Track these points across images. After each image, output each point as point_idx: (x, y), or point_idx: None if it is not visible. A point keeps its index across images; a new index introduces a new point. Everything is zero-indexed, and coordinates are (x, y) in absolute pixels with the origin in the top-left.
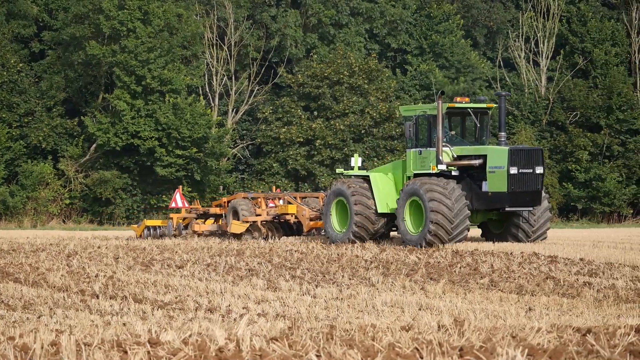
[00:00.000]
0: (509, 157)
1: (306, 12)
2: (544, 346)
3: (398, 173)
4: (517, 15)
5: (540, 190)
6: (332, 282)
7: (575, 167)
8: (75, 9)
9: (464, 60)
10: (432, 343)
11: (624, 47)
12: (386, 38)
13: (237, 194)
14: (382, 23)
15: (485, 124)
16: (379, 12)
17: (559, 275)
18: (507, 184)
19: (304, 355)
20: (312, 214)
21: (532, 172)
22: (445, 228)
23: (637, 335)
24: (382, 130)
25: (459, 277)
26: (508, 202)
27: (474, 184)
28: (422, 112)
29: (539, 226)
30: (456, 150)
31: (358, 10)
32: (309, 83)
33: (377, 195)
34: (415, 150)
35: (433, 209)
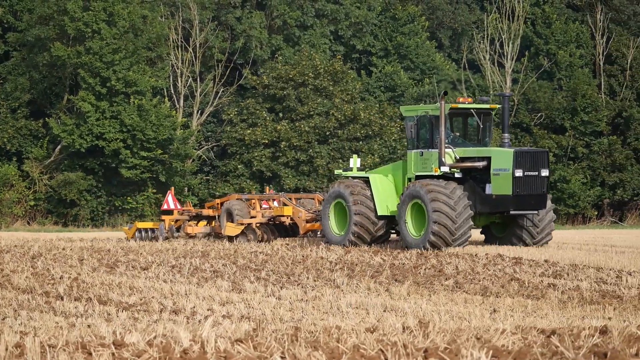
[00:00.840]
0: (514, 159)
1: (271, 14)
2: (508, 348)
3: (398, 175)
4: (482, 17)
5: (546, 193)
6: (297, 284)
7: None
8: (40, 10)
9: (429, 62)
10: (397, 345)
11: (589, 49)
12: (351, 40)
13: (231, 195)
14: (347, 25)
15: (488, 125)
16: (344, 14)
17: (523, 277)
18: (512, 186)
19: (269, 357)
20: (308, 215)
21: (537, 175)
22: (448, 231)
23: (602, 336)
24: (347, 132)
25: (423, 278)
26: (513, 206)
27: (477, 187)
28: (423, 112)
29: (543, 229)
30: (459, 152)
31: (323, 12)
32: (274, 85)
33: (377, 197)
34: (417, 152)
35: (436, 212)
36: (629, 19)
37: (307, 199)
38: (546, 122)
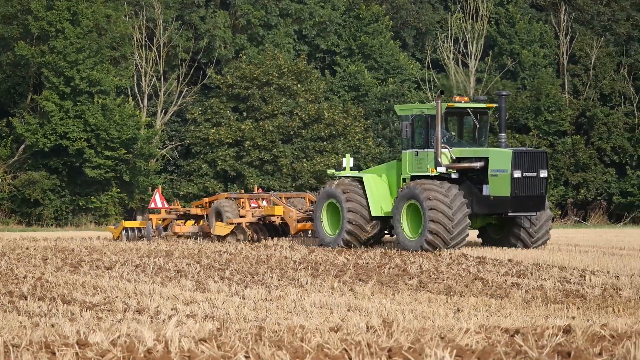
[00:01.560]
0: (512, 160)
1: (235, 13)
2: (472, 347)
3: (392, 175)
4: (445, 16)
5: (545, 194)
6: (261, 283)
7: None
8: (4, 9)
9: (393, 61)
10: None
11: (552, 48)
12: (315, 39)
13: (219, 194)
14: (311, 24)
15: (485, 125)
16: (308, 13)
17: (487, 276)
18: (510, 188)
19: (233, 357)
20: (299, 215)
21: (536, 176)
22: (445, 234)
23: (565, 335)
24: (311, 131)
25: (387, 278)
26: (511, 207)
27: (474, 188)
28: (419, 111)
29: (540, 231)
30: (455, 152)
31: (287, 11)
32: (238, 84)
33: (371, 197)
34: (412, 152)
35: (432, 214)
36: (593, 19)
37: (297, 199)
38: (510, 121)
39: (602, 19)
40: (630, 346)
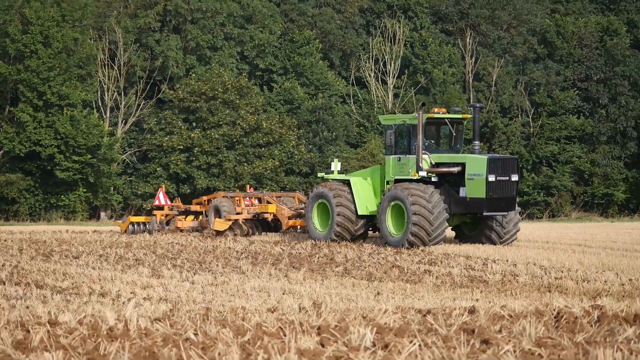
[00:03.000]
0: (487, 165)
1: (186, 37)
2: (390, 325)
3: (376, 178)
4: (367, 40)
5: (515, 196)
6: (208, 271)
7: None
8: None
9: (322, 78)
10: (294, 323)
11: (459, 68)
12: (255, 59)
13: (217, 193)
14: (252, 46)
15: (460, 133)
16: (249, 37)
17: (403, 264)
18: (485, 190)
19: (183, 334)
20: (290, 213)
21: (508, 180)
22: (426, 231)
23: (470, 315)
24: (251, 139)
25: (317, 266)
26: (486, 208)
27: (452, 190)
28: (401, 121)
29: (510, 229)
30: (434, 158)
31: (231, 35)
32: (188, 98)
33: (357, 198)
34: (395, 157)
35: (415, 213)
36: (494, 42)
37: (287, 197)
38: None
39: (502, 42)
40: (525, 324)
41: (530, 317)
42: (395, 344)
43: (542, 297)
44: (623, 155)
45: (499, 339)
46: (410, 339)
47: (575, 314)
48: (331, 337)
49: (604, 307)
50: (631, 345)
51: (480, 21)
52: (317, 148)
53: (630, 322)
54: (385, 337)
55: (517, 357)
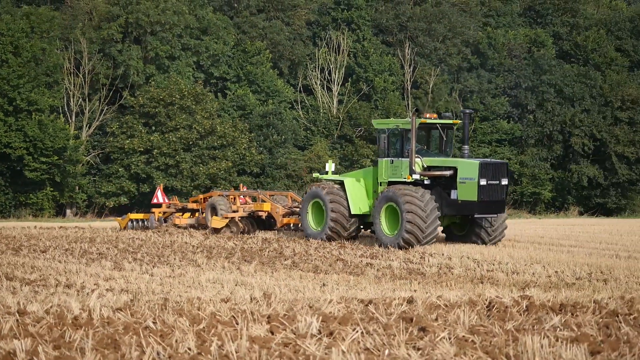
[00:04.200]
0: (479, 170)
1: (146, 48)
2: (334, 314)
3: (369, 179)
4: (314, 50)
5: (505, 199)
6: (166, 264)
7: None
8: None
9: (272, 86)
10: (246, 312)
11: (399, 76)
12: (210, 68)
13: (213, 191)
14: (207, 56)
15: (450, 138)
16: (205, 47)
17: (347, 258)
18: (477, 193)
19: (143, 322)
20: (284, 211)
21: (498, 183)
22: (419, 232)
23: (409, 305)
24: (206, 142)
25: (267, 259)
26: (477, 210)
27: (443, 192)
28: (395, 126)
29: (498, 230)
30: (426, 161)
31: (188, 46)
32: (148, 104)
33: (351, 198)
34: (387, 160)
35: (409, 216)
36: (431, 53)
37: (280, 196)
38: (365, 134)
39: (438, 53)
40: (460, 313)
41: (464, 306)
42: (340, 332)
43: (475, 288)
44: (549, 157)
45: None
46: (353, 327)
47: (505, 303)
48: (280, 325)
49: (532, 297)
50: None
51: (418, 33)
52: (267, 150)
53: (556, 311)
54: (330, 325)
55: (452, 344)
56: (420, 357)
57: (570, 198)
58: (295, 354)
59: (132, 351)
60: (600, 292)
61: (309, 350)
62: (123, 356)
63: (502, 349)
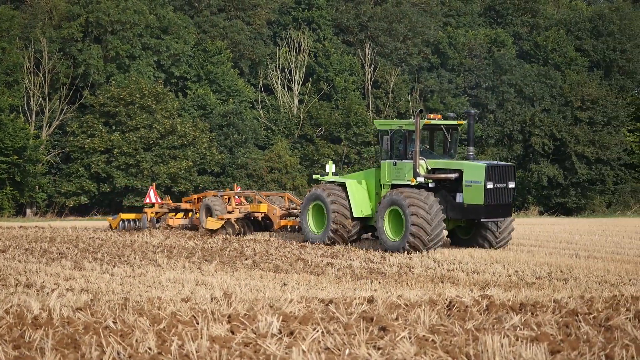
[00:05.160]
0: (486, 172)
1: (106, 47)
2: (295, 314)
3: (371, 181)
4: (274, 50)
5: (512, 202)
6: (126, 263)
7: (321, 172)
8: None
9: (233, 85)
10: (207, 312)
11: (360, 76)
12: (170, 68)
13: (207, 192)
14: (168, 56)
15: (455, 139)
16: (165, 47)
17: (307, 257)
18: (484, 197)
19: (103, 322)
20: (282, 212)
21: (505, 187)
22: (425, 236)
23: (369, 304)
24: (167, 141)
25: (228, 259)
26: (484, 214)
27: (448, 195)
28: (398, 127)
29: (504, 234)
30: (430, 163)
31: (148, 45)
32: (109, 103)
33: (353, 201)
34: (390, 162)
35: (414, 220)
36: (391, 53)
37: (276, 197)
38: (326, 134)
39: (398, 52)
40: (420, 313)
41: (425, 306)
42: (300, 331)
43: (436, 287)
44: (510, 157)
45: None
46: (313, 326)
47: (465, 303)
48: (240, 325)
49: (492, 296)
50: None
51: (379, 33)
52: (227, 150)
53: (516, 311)
54: (291, 325)
55: (413, 343)
56: (381, 357)
57: (530, 198)
58: (255, 353)
59: (92, 351)
60: (560, 291)
61: (270, 349)
62: (83, 356)
63: (462, 348)
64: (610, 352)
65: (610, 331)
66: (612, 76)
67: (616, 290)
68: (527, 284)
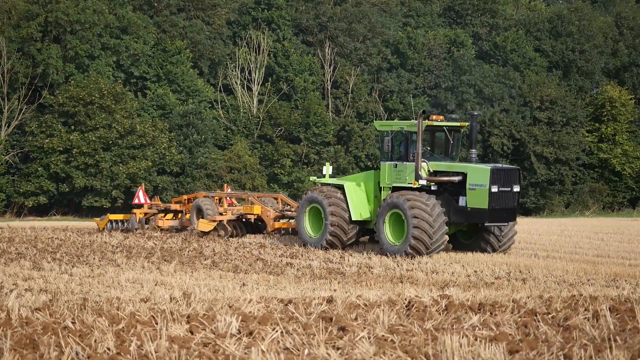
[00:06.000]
0: (491, 176)
1: (66, 47)
2: (254, 314)
3: (370, 183)
4: (234, 50)
5: (516, 207)
6: (85, 263)
7: (280, 172)
8: None
9: (192, 85)
10: (166, 312)
11: (319, 76)
12: (130, 68)
13: (198, 192)
14: (127, 56)
15: (457, 141)
16: (124, 47)
17: (267, 257)
18: (488, 201)
19: (62, 322)
20: (276, 214)
21: (510, 190)
22: (427, 240)
23: (328, 304)
24: (126, 141)
25: (187, 259)
26: (488, 218)
27: (451, 199)
28: (399, 128)
29: (508, 236)
30: (432, 166)
31: (107, 45)
32: (68, 103)
33: (351, 203)
34: (391, 163)
35: (416, 223)
36: (351, 53)
37: (268, 198)
38: (285, 134)
39: (358, 53)
40: (379, 313)
41: (384, 306)
42: (259, 331)
43: (395, 287)
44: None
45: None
46: (272, 326)
47: (425, 303)
48: (200, 325)
49: (451, 296)
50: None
51: (338, 33)
52: (187, 150)
53: (475, 310)
54: (250, 325)
55: (372, 343)
56: (340, 357)
57: None
58: (214, 353)
59: (50, 351)
60: (518, 291)
61: (229, 350)
62: (42, 356)
63: (421, 348)
64: (569, 351)
65: (569, 331)
66: (570, 76)
67: (575, 290)
68: (486, 284)
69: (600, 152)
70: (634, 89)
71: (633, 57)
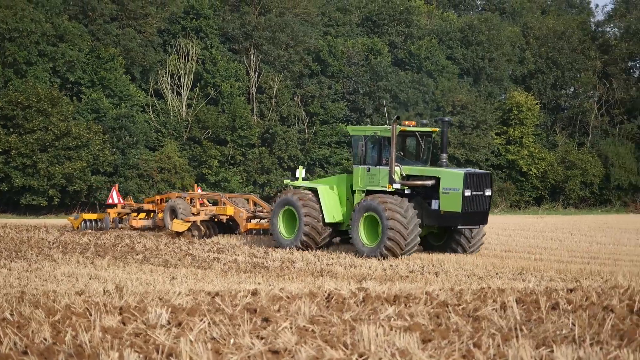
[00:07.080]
0: (464, 180)
1: (4, 53)
2: (183, 306)
3: (342, 186)
4: (164, 57)
5: (488, 210)
6: (23, 259)
7: (208, 172)
8: None
9: (125, 90)
10: (99, 304)
11: (245, 82)
12: (66, 73)
13: (171, 193)
14: (63, 62)
15: (428, 146)
16: (61, 54)
17: (195, 252)
18: (461, 204)
19: (1, 314)
20: (248, 215)
21: (482, 194)
22: (401, 241)
23: (253, 297)
24: (62, 143)
25: (120, 254)
26: (461, 221)
27: (424, 202)
28: (372, 132)
29: (477, 237)
30: (405, 170)
31: (44, 52)
32: (7, 107)
33: (325, 206)
34: (363, 167)
35: (391, 224)
36: (275, 60)
37: (239, 199)
38: (213, 136)
39: (281, 60)
40: (301, 304)
41: (305, 298)
42: (188, 322)
43: (315, 280)
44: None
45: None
46: (200, 317)
47: (343, 295)
48: (131, 316)
49: (369, 289)
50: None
51: (263, 42)
52: (120, 151)
53: (390, 302)
54: (179, 316)
55: (294, 333)
56: (264, 346)
57: None
58: (145, 343)
59: None
60: (431, 284)
61: (159, 339)
62: None
63: (340, 337)
64: (478, 340)
65: (478, 321)
66: (480, 83)
67: (484, 283)
68: (401, 277)
69: (508, 154)
70: (540, 95)
71: (539, 64)
